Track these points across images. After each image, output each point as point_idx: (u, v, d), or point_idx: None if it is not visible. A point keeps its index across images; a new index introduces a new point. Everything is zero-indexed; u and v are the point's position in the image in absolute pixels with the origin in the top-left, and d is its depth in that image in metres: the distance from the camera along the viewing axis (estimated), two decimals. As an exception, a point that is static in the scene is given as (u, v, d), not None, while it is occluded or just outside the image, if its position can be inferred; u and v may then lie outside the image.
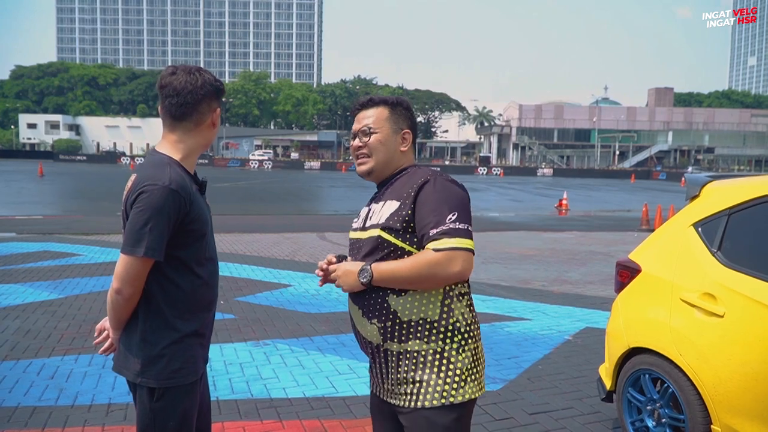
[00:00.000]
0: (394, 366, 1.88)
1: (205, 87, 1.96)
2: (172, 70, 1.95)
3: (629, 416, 3.24)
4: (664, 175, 60.08)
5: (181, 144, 1.99)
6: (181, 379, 1.93)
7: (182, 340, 1.94)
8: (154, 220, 1.81)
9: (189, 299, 1.94)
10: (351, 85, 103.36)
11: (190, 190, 1.92)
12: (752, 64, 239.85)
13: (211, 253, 2.04)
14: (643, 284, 3.24)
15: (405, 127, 2.04)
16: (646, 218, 15.66)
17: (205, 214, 2.00)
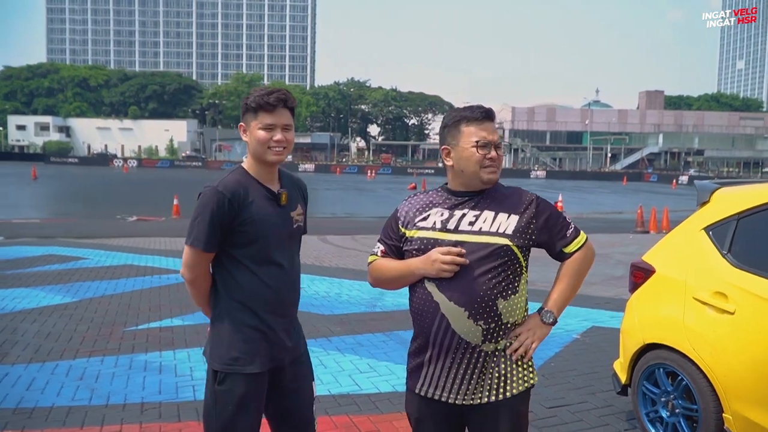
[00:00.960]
0: (481, 366, 2.00)
1: (242, 104, 2.22)
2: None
3: (644, 408, 3.44)
4: (656, 177, 60.62)
5: (248, 156, 2.25)
6: (239, 367, 2.13)
7: (241, 331, 2.14)
8: (201, 215, 2.10)
9: (247, 295, 2.14)
10: (344, 87, 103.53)
11: (246, 195, 2.12)
12: (740, 68, 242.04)
13: (276, 258, 2.19)
14: (657, 284, 3.44)
15: None
16: (641, 220, 15.91)
17: (267, 221, 2.15)
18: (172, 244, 11.43)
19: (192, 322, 6.02)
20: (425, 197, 2.16)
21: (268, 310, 2.18)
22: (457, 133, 2.08)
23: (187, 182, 37.30)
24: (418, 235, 2.07)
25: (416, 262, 2.04)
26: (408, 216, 2.13)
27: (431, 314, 2.01)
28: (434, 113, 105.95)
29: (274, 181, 2.25)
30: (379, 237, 2.24)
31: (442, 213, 2.07)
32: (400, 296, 7.12)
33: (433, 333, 2.01)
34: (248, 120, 2.19)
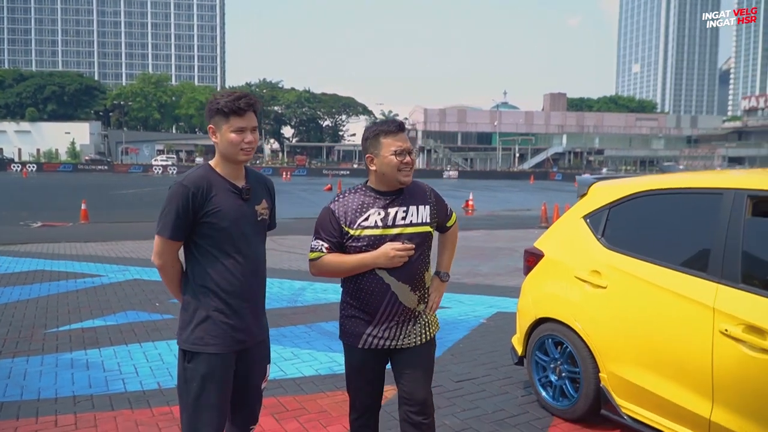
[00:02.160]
0: (413, 320, 2.62)
1: (211, 108, 2.38)
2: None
3: (537, 374, 3.96)
4: (560, 176, 63.84)
5: (216, 154, 2.43)
6: (203, 347, 2.32)
7: (208, 314, 2.33)
8: (167, 207, 2.31)
9: (213, 281, 2.33)
10: (256, 88, 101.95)
11: (210, 189, 2.31)
12: (636, 71, 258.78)
13: (240, 247, 2.36)
14: (546, 267, 3.97)
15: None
16: (545, 216, 17.02)
17: (230, 214, 2.34)
18: (83, 249, 11.15)
19: (114, 322, 6.07)
20: (355, 198, 2.58)
21: (233, 295, 2.35)
22: (377, 143, 2.56)
23: (93, 186, 35.78)
24: (365, 233, 2.52)
25: (371, 256, 2.49)
26: (348, 216, 2.54)
27: (382, 293, 2.54)
28: (348, 115, 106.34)
29: (239, 178, 2.42)
30: (318, 236, 2.59)
31: (379, 212, 2.54)
32: (320, 292, 7.49)
33: (383, 306, 2.55)
34: (219, 123, 2.35)
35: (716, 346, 2.81)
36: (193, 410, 2.35)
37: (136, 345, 5.32)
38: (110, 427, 3.66)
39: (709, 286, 2.91)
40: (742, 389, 2.73)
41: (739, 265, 2.85)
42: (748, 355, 2.68)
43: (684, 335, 2.97)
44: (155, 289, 7.62)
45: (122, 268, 9.19)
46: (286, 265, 9.61)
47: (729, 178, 3.22)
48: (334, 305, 6.83)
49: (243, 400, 2.52)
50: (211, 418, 2.35)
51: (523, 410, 3.94)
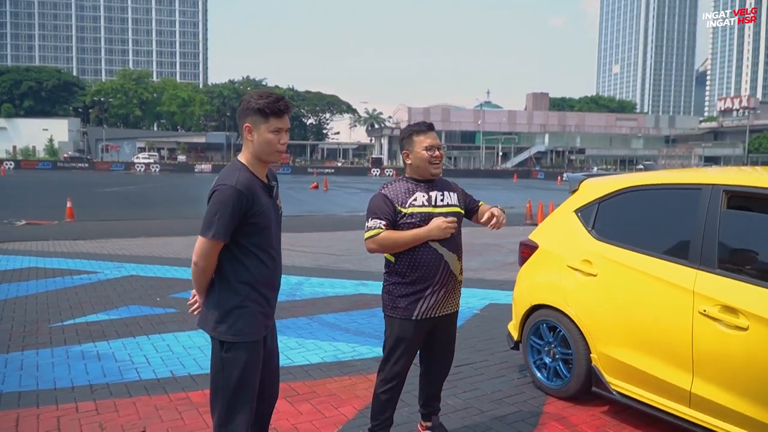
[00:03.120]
0: (456, 289, 3.13)
1: (241, 105, 2.50)
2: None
3: (532, 357, 4.24)
4: (543, 175, 64.59)
5: (246, 153, 2.51)
6: (244, 336, 2.47)
7: (245, 305, 2.47)
8: (221, 211, 2.36)
9: (252, 276, 2.47)
10: (240, 85, 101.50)
11: (255, 191, 2.42)
12: (616, 72, 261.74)
13: (274, 245, 2.54)
14: (541, 257, 4.25)
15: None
16: (529, 214, 17.37)
17: (269, 212, 2.47)
18: (74, 247, 11.21)
19: (117, 316, 6.24)
20: (402, 185, 3.05)
21: (268, 287, 2.53)
22: (411, 141, 3.06)
23: (76, 184, 35.50)
24: (416, 211, 2.98)
25: (425, 230, 2.93)
26: (399, 198, 2.99)
27: (437, 262, 2.98)
28: (332, 113, 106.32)
29: (264, 175, 2.55)
30: (375, 216, 2.97)
31: (423, 195, 3.02)
32: (317, 286, 7.72)
33: (438, 274, 2.99)
34: (257, 123, 2.42)
35: (696, 325, 3.10)
36: (232, 395, 2.50)
37: (143, 337, 5.50)
38: (131, 411, 3.86)
39: (689, 272, 3.21)
40: (718, 363, 3.03)
41: (715, 252, 3.16)
42: (723, 332, 2.99)
43: (667, 316, 3.27)
44: (154, 285, 7.79)
45: (117, 264, 9.31)
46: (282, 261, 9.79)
47: (707, 175, 3.52)
48: (331, 299, 7.07)
49: (268, 378, 2.70)
50: (247, 401, 2.53)
51: (519, 391, 4.23)
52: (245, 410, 2.54)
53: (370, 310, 6.49)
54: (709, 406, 3.09)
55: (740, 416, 2.95)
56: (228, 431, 2.53)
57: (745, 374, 2.92)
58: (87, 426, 3.64)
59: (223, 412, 2.53)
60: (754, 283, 2.96)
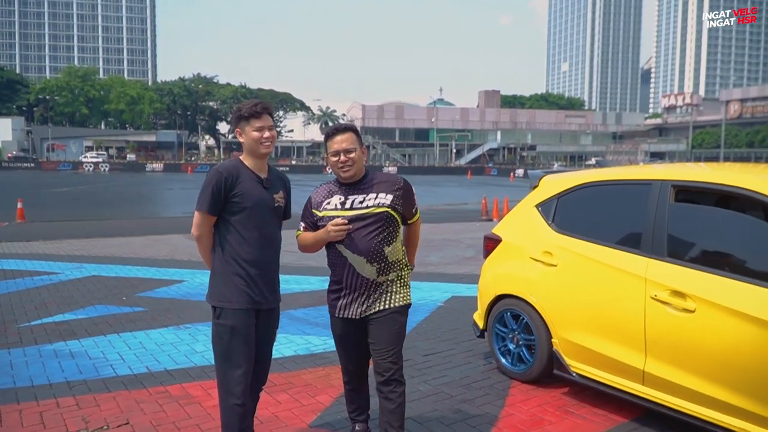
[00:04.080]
0: (375, 291, 3.05)
1: (235, 115, 2.96)
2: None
3: (497, 344, 4.51)
4: (496, 171, 65.81)
5: (244, 153, 3.01)
6: (225, 302, 2.87)
7: (227, 275, 2.89)
8: (205, 188, 2.87)
9: (234, 250, 2.89)
10: (190, 83, 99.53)
11: (239, 175, 2.88)
12: (565, 70, 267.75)
13: (258, 225, 2.90)
14: (504, 250, 4.51)
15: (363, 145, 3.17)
16: (485, 209, 17.79)
17: (252, 196, 2.88)
18: (28, 248, 10.97)
19: (84, 315, 6.23)
20: (326, 189, 3.14)
21: (250, 263, 2.89)
22: (328, 144, 3.10)
23: (23, 185, 34.36)
24: (326, 214, 3.07)
25: (322, 232, 3.03)
26: (316, 202, 3.12)
27: (342, 264, 3.04)
28: (285, 111, 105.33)
29: (263, 171, 2.99)
30: (301, 218, 3.16)
31: (340, 198, 3.08)
32: (283, 283, 7.77)
33: (345, 276, 3.04)
34: (243, 126, 2.92)
35: (648, 309, 3.40)
36: (224, 359, 2.88)
37: (114, 335, 5.53)
38: (112, 405, 3.94)
39: (642, 260, 3.51)
40: (668, 343, 3.34)
41: (665, 242, 3.46)
42: (673, 314, 3.29)
43: (622, 302, 3.56)
44: (117, 285, 7.76)
45: (77, 265, 9.20)
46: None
47: (656, 171, 3.84)
48: (298, 294, 7.21)
49: (258, 358, 2.99)
50: (240, 364, 2.86)
51: (485, 376, 4.48)
52: (240, 372, 2.86)
53: (338, 304, 6.65)
54: (661, 382, 3.39)
55: (688, 391, 3.26)
56: (226, 392, 2.89)
57: (693, 352, 3.23)
58: (70, 420, 3.71)
59: (221, 375, 2.91)
60: (700, 269, 3.27)
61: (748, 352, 3.01)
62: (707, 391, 3.17)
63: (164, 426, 3.64)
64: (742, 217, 3.49)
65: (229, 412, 2.89)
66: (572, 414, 3.82)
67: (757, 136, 79.82)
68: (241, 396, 2.86)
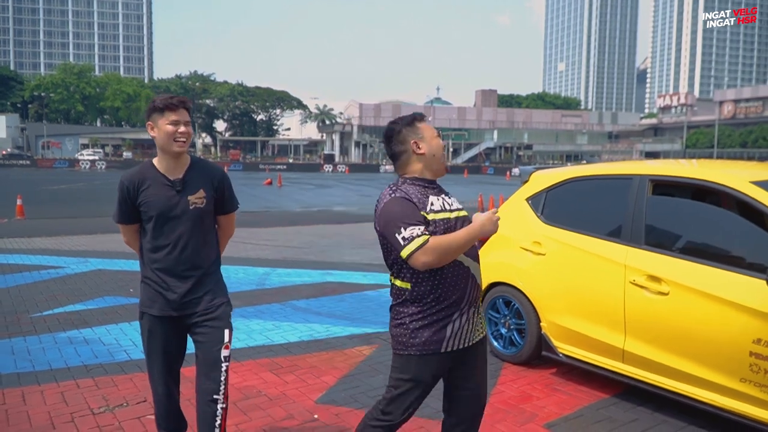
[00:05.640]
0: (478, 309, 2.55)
1: (150, 108, 2.77)
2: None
3: (490, 329, 4.80)
4: (492, 170, 66.05)
5: (157, 151, 2.83)
6: (145, 308, 2.87)
7: (146, 281, 2.86)
8: (117, 198, 2.84)
9: (150, 258, 2.82)
10: (187, 81, 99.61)
11: (144, 183, 2.76)
12: (561, 70, 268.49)
13: (169, 232, 2.76)
14: (497, 240, 4.76)
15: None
16: (481, 207, 18.09)
17: (157, 204, 2.73)
18: (31, 244, 11.15)
19: (95, 306, 6.48)
20: (411, 188, 2.46)
21: (162, 270, 2.78)
22: (416, 129, 2.53)
23: (20, 182, 34.43)
24: (438, 217, 2.42)
25: (476, 226, 2.39)
26: (421, 203, 2.41)
27: (465, 276, 2.44)
28: (282, 109, 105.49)
29: (178, 171, 2.79)
30: (408, 223, 2.32)
31: (437, 198, 2.50)
32: (284, 276, 8.09)
33: (468, 290, 2.44)
34: (156, 119, 2.72)
35: (627, 293, 3.70)
36: (146, 357, 2.95)
37: (125, 324, 5.79)
38: (129, 386, 4.21)
39: (622, 248, 3.80)
40: (645, 323, 3.64)
41: (642, 231, 3.76)
42: (649, 297, 3.59)
43: (604, 287, 3.85)
44: (123, 278, 8.01)
45: (82, 259, 9.43)
46: (244, 254, 10.11)
47: (636, 166, 4.13)
48: (299, 287, 7.47)
49: (201, 365, 2.82)
50: (158, 366, 2.90)
51: (479, 359, 4.75)
52: (156, 373, 2.91)
53: (339, 295, 6.94)
54: (639, 360, 3.68)
55: (663, 366, 3.56)
56: (151, 386, 2.99)
57: (667, 331, 3.53)
58: (91, 398, 3.98)
59: (148, 370, 2.98)
60: (674, 256, 3.57)
61: (715, 329, 3.31)
62: (679, 366, 3.47)
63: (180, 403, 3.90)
64: (711, 208, 3.79)
65: (155, 403, 3.01)
66: (558, 391, 4.12)
67: (750, 136, 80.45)
68: (162, 395, 2.92)
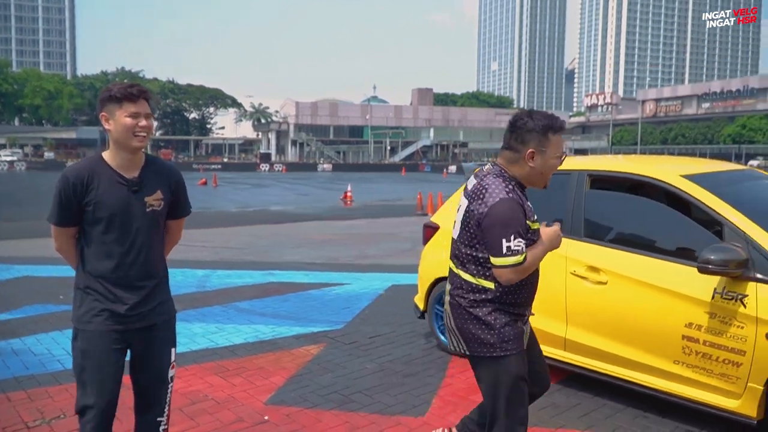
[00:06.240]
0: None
1: (104, 96, 2.42)
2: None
3: (436, 323, 4.87)
4: (429, 168, 66.86)
5: (110, 144, 2.48)
6: (82, 325, 2.45)
7: (88, 294, 2.46)
8: (54, 197, 2.44)
9: (94, 267, 2.45)
10: (114, 77, 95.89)
11: (93, 179, 2.39)
12: (495, 69, 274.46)
13: (120, 237, 2.44)
14: (442, 236, 4.86)
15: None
16: (420, 205, 18.30)
17: (109, 204, 2.40)
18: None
19: (22, 314, 6.16)
20: (519, 191, 2.43)
21: (110, 280, 2.44)
22: (545, 140, 2.38)
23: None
24: (534, 227, 2.44)
25: (546, 242, 2.44)
26: (528, 210, 2.41)
27: (536, 277, 2.52)
28: (216, 107, 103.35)
29: (133, 169, 2.47)
30: (516, 233, 2.29)
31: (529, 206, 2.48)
32: (224, 278, 7.93)
33: (534, 291, 2.56)
34: (112, 110, 2.38)
35: (568, 284, 3.84)
36: (79, 384, 2.49)
37: (57, 332, 5.51)
38: (66, 396, 4.00)
39: (563, 241, 3.92)
40: (585, 312, 3.79)
41: (582, 224, 3.91)
42: (588, 287, 3.74)
43: (546, 278, 3.92)
44: (52, 284, 7.65)
45: (6, 266, 8.94)
46: (183, 256, 9.81)
47: (575, 162, 4.29)
48: (241, 288, 7.34)
49: (143, 385, 2.57)
50: (92, 392, 2.44)
51: (426, 353, 4.83)
52: (90, 402, 2.45)
53: (282, 295, 6.87)
54: (579, 347, 3.83)
55: (603, 353, 3.71)
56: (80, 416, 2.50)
57: (606, 319, 3.68)
58: (25, 412, 3.77)
59: (77, 398, 2.50)
60: (612, 247, 3.73)
61: (650, 315, 3.48)
62: (618, 351, 3.63)
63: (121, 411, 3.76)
64: (646, 201, 3.98)
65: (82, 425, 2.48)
66: (505, 382, 4.22)
67: (669, 133, 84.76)
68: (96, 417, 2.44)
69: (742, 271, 3.17)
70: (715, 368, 3.28)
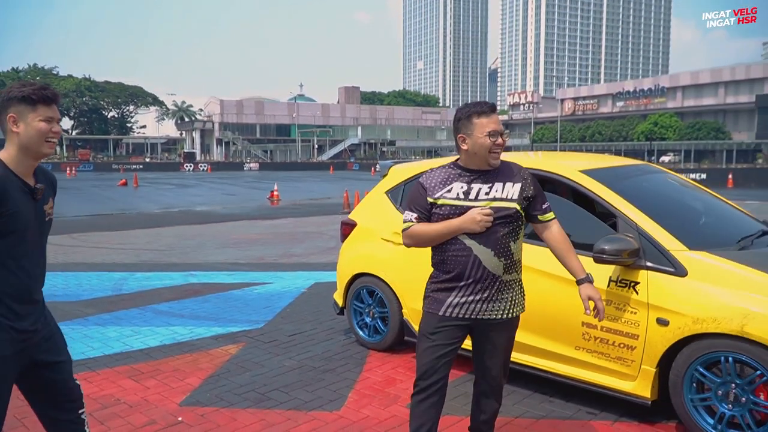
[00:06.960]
0: (501, 290, 2.69)
1: (11, 95, 2.23)
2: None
3: (355, 319, 4.93)
4: (357, 166, 66.96)
5: (10, 147, 2.24)
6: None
7: None
8: None
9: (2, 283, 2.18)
10: (25, 74, 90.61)
11: (3, 189, 2.12)
12: (420, 68, 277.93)
13: (29, 251, 2.24)
14: (359, 233, 4.94)
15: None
16: (347, 203, 18.35)
17: (24, 216, 2.19)
18: None
19: None
20: (441, 172, 2.72)
21: (18, 299, 2.22)
22: (470, 124, 2.65)
23: None
24: (445, 203, 2.67)
25: (457, 220, 2.60)
26: (431, 187, 2.69)
27: (466, 255, 2.63)
28: (137, 105, 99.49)
29: (30, 175, 2.27)
30: (409, 208, 2.74)
31: (462, 186, 2.68)
32: (143, 280, 7.72)
33: (468, 269, 2.64)
34: (23, 112, 2.19)
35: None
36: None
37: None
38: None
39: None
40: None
41: (491, 218, 4.05)
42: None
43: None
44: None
45: None
46: (100, 260, 9.50)
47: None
48: (160, 290, 7.17)
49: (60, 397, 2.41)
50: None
51: (345, 349, 4.89)
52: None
53: (203, 296, 6.76)
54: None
55: (531, 347, 3.84)
56: None
57: (535, 315, 3.81)
58: None
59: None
60: (539, 245, 3.85)
61: (553, 304, 3.68)
62: (525, 340, 3.80)
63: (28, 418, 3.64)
64: (548, 195, 4.16)
65: None
66: (420, 373, 4.33)
67: (587, 131, 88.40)
68: None
69: (634, 260, 3.40)
70: (612, 352, 3.50)
